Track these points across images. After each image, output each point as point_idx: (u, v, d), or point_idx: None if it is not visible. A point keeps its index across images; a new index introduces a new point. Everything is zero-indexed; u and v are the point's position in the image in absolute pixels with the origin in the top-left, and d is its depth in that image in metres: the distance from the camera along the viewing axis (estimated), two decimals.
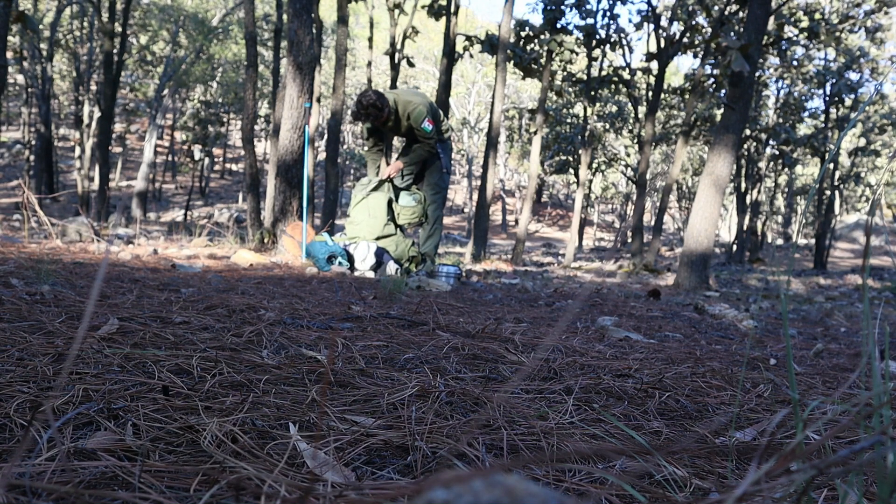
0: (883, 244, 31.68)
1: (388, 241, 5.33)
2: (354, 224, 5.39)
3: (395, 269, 5.18)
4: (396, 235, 5.40)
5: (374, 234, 5.28)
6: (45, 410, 0.98)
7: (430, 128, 5.18)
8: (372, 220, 5.31)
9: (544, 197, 50.32)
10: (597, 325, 2.67)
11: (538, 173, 24.00)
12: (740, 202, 24.46)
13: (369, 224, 5.31)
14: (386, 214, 5.35)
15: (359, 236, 5.30)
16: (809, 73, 21.80)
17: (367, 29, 20.88)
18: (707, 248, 7.56)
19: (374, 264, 5.13)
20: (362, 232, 5.30)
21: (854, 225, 37.51)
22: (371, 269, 5.12)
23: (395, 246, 5.34)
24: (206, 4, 31.32)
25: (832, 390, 1.64)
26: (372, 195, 5.36)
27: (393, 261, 5.22)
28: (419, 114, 5.14)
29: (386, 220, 5.35)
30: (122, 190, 36.12)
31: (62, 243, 4.94)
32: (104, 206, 17.06)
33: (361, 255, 5.14)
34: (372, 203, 5.35)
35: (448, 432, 1.02)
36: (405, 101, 5.18)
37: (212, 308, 2.14)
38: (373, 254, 5.14)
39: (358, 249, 5.17)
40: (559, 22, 16.72)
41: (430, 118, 5.19)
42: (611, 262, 18.21)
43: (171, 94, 29.75)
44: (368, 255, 5.13)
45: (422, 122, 5.15)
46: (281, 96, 10.74)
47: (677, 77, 34.95)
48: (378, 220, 5.32)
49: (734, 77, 7.44)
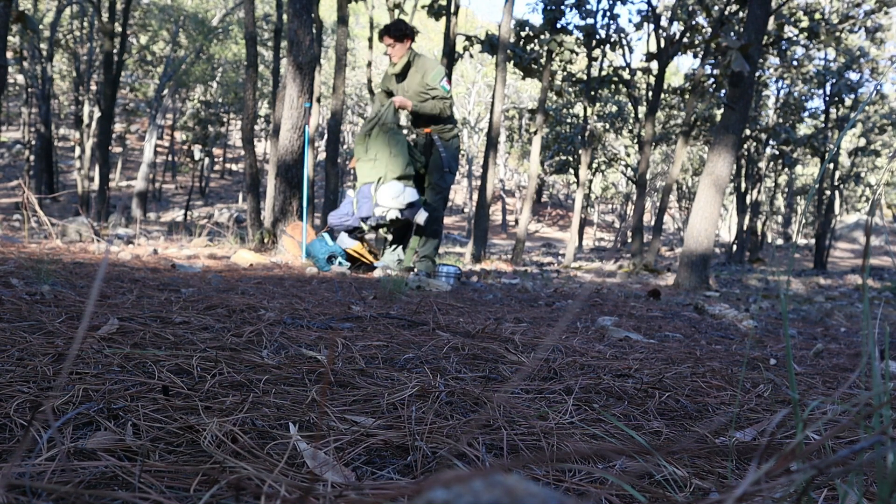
0: (883, 244, 31.68)
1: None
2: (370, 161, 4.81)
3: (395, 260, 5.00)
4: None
5: (397, 173, 4.72)
6: (45, 410, 0.98)
7: (447, 87, 5.02)
8: (395, 159, 4.73)
9: (544, 197, 50.31)
10: (597, 325, 2.67)
11: (538, 173, 24.00)
12: (740, 202, 24.46)
13: (392, 162, 4.72)
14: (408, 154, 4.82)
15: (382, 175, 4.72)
16: (809, 73, 21.80)
17: (367, 29, 20.87)
18: (707, 248, 7.56)
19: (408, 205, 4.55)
20: (382, 171, 4.73)
21: (854, 225, 37.51)
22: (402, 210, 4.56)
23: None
24: (206, 4, 31.32)
25: (832, 390, 1.64)
26: (391, 132, 4.80)
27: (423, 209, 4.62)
28: (439, 72, 5.03)
29: (409, 160, 4.80)
30: (122, 190, 36.12)
31: (62, 243, 4.94)
32: (104, 206, 17.06)
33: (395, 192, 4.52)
34: (392, 140, 4.78)
35: (448, 432, 1.02)
36: (426, 61, 5.11)
37: (212, 308, 2.14)
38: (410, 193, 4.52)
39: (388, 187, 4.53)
40: (559, 22, 16.72)
41: (447, 80, 5.06)
42: (611, 262, 18.21)
43: (171, 94, 29.74)
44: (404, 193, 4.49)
45: (440, 80, 5.01)
46: (281, 96, 10.73)
47: (677, 77, 34.96)
48: (402, 158, 4.73)
49: (734, 77, 7.44)
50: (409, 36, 5.08)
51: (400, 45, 5.08)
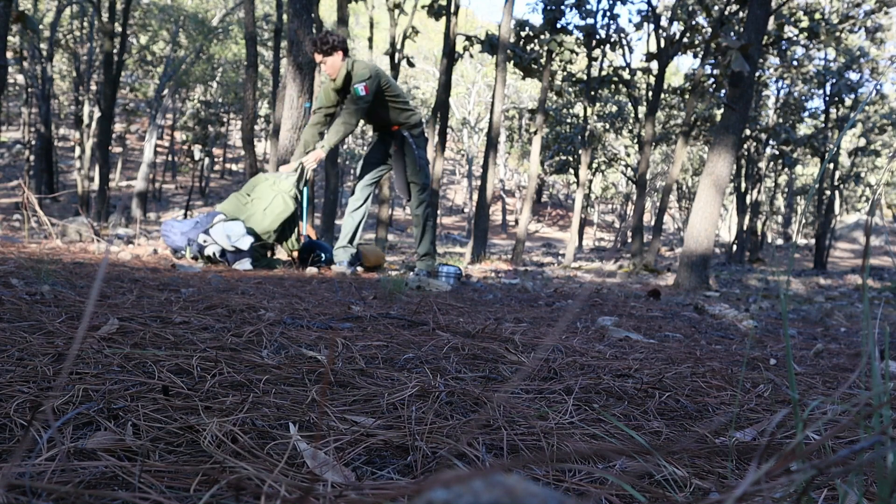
0: (883, 244, 31.68)
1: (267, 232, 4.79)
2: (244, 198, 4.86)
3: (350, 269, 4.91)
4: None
5: (254, 227, 4.74)
6: (45, 410, 0.98)
7: (361, 92, 4.75)
8: (264, 216, 4.79)
9: (544, 197, 50.32)
10: (597, 325, 2.67)
11: (538, 173, 24.01)
12: (740, 202, 24.46)
13: (259, 216, 4.76)
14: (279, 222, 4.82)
15: (242, 218, 4.74)
16: (809, 73, 21.80)
17: (367, 29, 20.88)
18: (707, 248, 7.56)
19: (236, 250, 4.52)
20: (245, 215, 4.77)
21: (854, 225, 37.51)
22: (225, 251, 4.53)
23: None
24: (206, 4, 31.33)
25: (832, 390, 1.64)
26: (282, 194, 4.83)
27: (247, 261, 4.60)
28: (360, 75, 4.77)
29: (276, 228, 4.82)
30: (122, 190, 36.11)
31: (62, 243, 4.94)
32: (104, 206, 17.06)
33: (233, 234, 4.50)
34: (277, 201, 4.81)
35: (448, 432, 1.02)
36: (357, 66, 4.86)
37: (212, 308, 2.14)
38: (246, 242, 4.51)
39: (232, 226, 4.55)
40: (559, 22, 16.73)
41: (368, 87, 4.77)
42: (611, 262, 18.21)
43: (171, 94, 29.73)
44: (241, 240, 4.50)
45: (358, 82, 4.76)
46: (281, 96, 10.73)
47: (677, 77, 34.95)
48: (269, 220, 4.79)
49: (734, 77, 7.44)
50: (339, 47, 4.81)
51: (332, 59, 4.83)
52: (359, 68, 4.84)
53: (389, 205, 18.87)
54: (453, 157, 54.37)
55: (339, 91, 5.01)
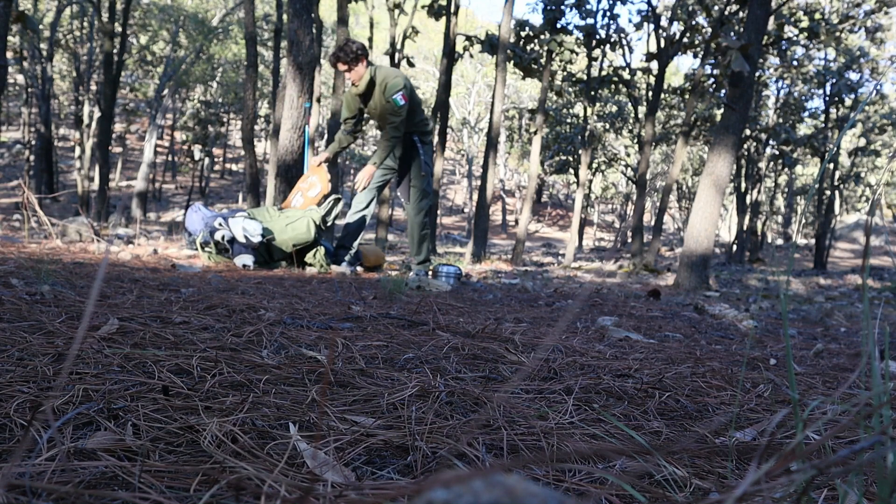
0: (883, 244, 31.68)
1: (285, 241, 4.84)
2: (277, 213, 4.92)
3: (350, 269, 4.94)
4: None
5: (275, 237, 4.78)
6: (45, 410, 0.98)
7: (400, 102, 4.86)
8: (287, 231, 4.83)
9: (544, 197, 50.32)
10: (597, 325, 2.67)
11: (538, 173, 24.01)
12: (740, 202, 24.47)
13: (282, 231, 4.80)
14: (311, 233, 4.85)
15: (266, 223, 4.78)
16: (809, 73, 21.80)
17: (367, 29, 20.87)
18: (707, 248, 7.56)
19: (247, 240, 4.55)
20: (269, 223, 4.80)
21: (854, 225, 37.51)
22: (234, 240, 4.58)
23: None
24: (206, 4, 31.33)
25: (832, 390, 1.64)
26: (308, 217, 4.86)
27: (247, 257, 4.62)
28: (394, 85, 4.85)
29: (291, 245, 4.83)
30: (122, 190, 36.11)
31: (62, 243, 4.94)
32: (104, 206, 17.06)
33: (250, 231, 4.53)
34: (299, 223, 4.84)
35: (448, 432, 1.02)
36: (385, 73, 4.92)
37: (212, 308, 2.14)
38: (257, 240, 4.54)
39: (250, 224, 4.56)
40: (559, 22, 16.73)
41: (406, 95, 4.88)
42: (611, 262, 18.21)
43: (171, 94, 29.74)
44: (253, 236, 4.53)
45: (395, 93, 4.85)
46: (281, 96, 10.74)
47: (677, 77, 34.95)
48: (289, 235, 4.81)
49: (734, 77, 7.44)
50: (363, 55, 4.88)
51: (358, 68, 4.91)
52: (388, 77, 4.93)
53: (389, 205, 18.88)
54: (453, 157, 54.37)
55: (361, 96, 5.12)
